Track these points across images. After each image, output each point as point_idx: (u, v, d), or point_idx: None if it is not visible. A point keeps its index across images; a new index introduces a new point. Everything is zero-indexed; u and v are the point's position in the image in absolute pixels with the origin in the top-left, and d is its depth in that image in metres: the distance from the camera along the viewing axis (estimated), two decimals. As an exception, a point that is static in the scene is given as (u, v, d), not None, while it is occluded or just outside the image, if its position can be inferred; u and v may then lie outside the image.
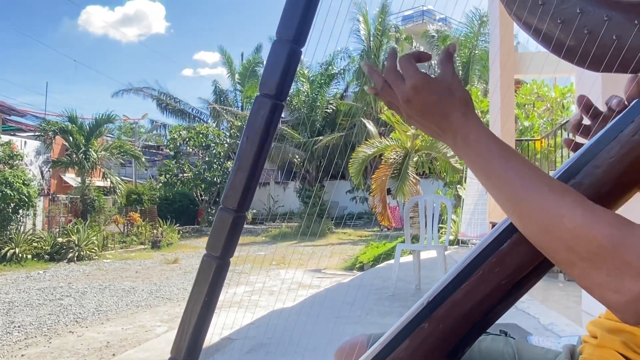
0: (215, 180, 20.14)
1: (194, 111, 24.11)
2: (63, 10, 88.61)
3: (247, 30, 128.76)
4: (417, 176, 11.66)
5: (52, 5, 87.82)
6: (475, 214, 7.61)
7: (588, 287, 0.53)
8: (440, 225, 8.10)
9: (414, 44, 21.37)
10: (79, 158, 15.09)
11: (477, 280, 0.64)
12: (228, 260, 0.75)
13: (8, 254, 10.72)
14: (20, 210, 11.84)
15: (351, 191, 20.50)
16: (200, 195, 20.91)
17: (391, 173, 11.15)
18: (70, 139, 15.13)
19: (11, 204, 11.38)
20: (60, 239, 11.84)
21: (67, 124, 15.32)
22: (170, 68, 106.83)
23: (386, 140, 12.46)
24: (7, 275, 9.41)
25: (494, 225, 0.72)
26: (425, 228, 5.16)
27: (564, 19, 0.62)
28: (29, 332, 5.32)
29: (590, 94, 0.78)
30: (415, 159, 11.53)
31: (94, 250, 12.02)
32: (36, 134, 16.05)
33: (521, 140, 8.40)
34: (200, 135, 20.50)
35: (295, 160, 20.49)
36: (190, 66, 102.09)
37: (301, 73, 21.20)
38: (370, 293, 5.17)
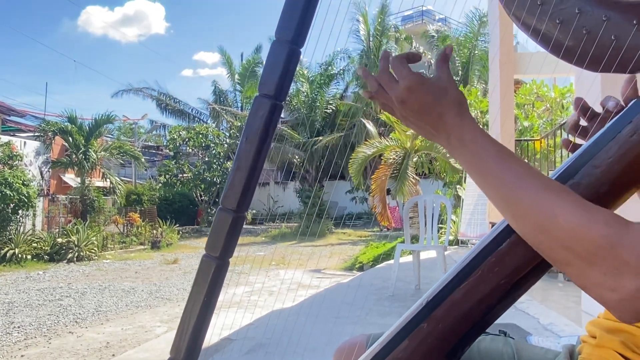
0: (214, 180, 20.12)
1: (194, 111, 24.11)
2: (63, 10, 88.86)
3: (247, 30, 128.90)
4: (417, 176, 11.65)
5: (52, 6, 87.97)
6: (475, 214, 7.61)
7: (585, 286, 0.53)
8: (440, 225, 8.10)
9: (413, 44, 21.34)
10: (78, 158, 15.08)
11: (477, 280, 0.64)
12: (227, 260, 0.75)
13: (8, 255, 10.70)
14: (20, 211, 11.81)
15: (351, 191, 20.48)
16: (200, 196, 20.89)
17: (391, 173, 11.16)
18: (69, 139, 15.11)
19: (11, 205, 11.36)
20: (59, 240, 11.81)
21: (67, 124, 15.31)
22: (170, 68, 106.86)
23: (386, 140, 12.45)
24: (7, 275, 9.40)
25: (493, 226, 0.72)
26: (425, 228, 5.17)
27: (563, 19, 0.63)
28: (29, 333, 5.31)
29: (590, 94, 0.78)
30: (414, 159, 11.53)
31: (93, 250, 12.01)
32: (36, 134, 16.01)
33: (521, 140, 8.39)
34: (200, 136, 20.48)
35: (294, 160, 20.46)
36: (190, 66, 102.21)
37: (301, 73, 21.17)
38: (370, 293, 5.16)
